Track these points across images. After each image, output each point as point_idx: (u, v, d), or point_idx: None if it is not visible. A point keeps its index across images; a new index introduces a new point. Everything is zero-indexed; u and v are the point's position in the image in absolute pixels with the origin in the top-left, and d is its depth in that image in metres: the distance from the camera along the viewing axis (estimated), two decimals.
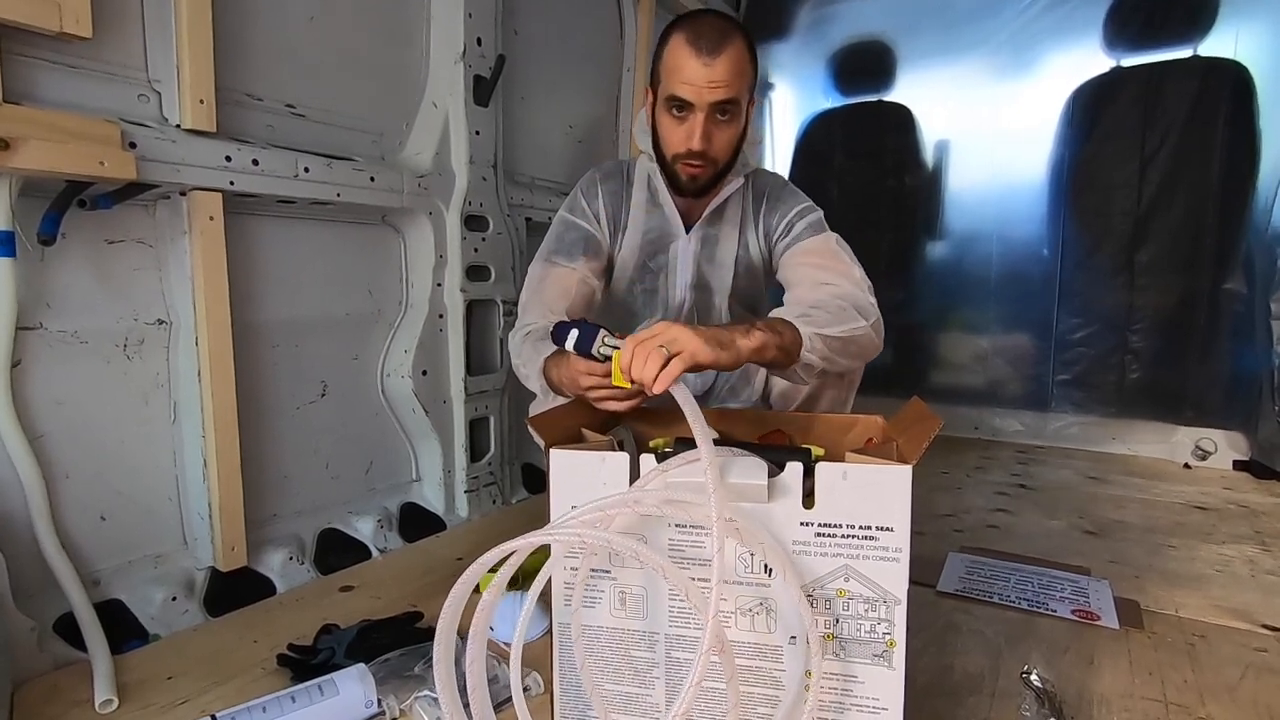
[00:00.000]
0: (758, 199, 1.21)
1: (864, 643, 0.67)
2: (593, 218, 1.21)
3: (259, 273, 1.27)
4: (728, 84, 1.04)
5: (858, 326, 0.97)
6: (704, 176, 1.13)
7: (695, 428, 0.65)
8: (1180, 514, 1.68)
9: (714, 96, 1.05)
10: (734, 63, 1.04)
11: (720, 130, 1.09)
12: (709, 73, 1.03)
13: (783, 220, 1.18)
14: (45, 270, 1.01)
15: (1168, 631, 1.08)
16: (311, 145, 1.30)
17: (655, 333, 0.77)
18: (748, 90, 1.09)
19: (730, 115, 1.08)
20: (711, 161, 1.11)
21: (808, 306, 0.96)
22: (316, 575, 1.30)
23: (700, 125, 1.07)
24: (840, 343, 0.94)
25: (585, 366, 0.86)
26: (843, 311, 0.98)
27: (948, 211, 2.51)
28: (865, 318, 0.99)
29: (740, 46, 1.05)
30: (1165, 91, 2.11)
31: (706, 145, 1.08)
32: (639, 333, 0.78)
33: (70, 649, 0.98)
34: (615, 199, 1.22)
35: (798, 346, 0.90)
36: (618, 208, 1.22)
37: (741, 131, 1.12)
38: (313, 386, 1.38)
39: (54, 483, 1.02)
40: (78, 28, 0.95)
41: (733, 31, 1.06)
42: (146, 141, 1.02)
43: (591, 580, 0.72)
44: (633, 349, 0.76)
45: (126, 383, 1.11)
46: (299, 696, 0.81)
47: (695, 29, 1.05)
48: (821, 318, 0.94)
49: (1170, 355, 2.18)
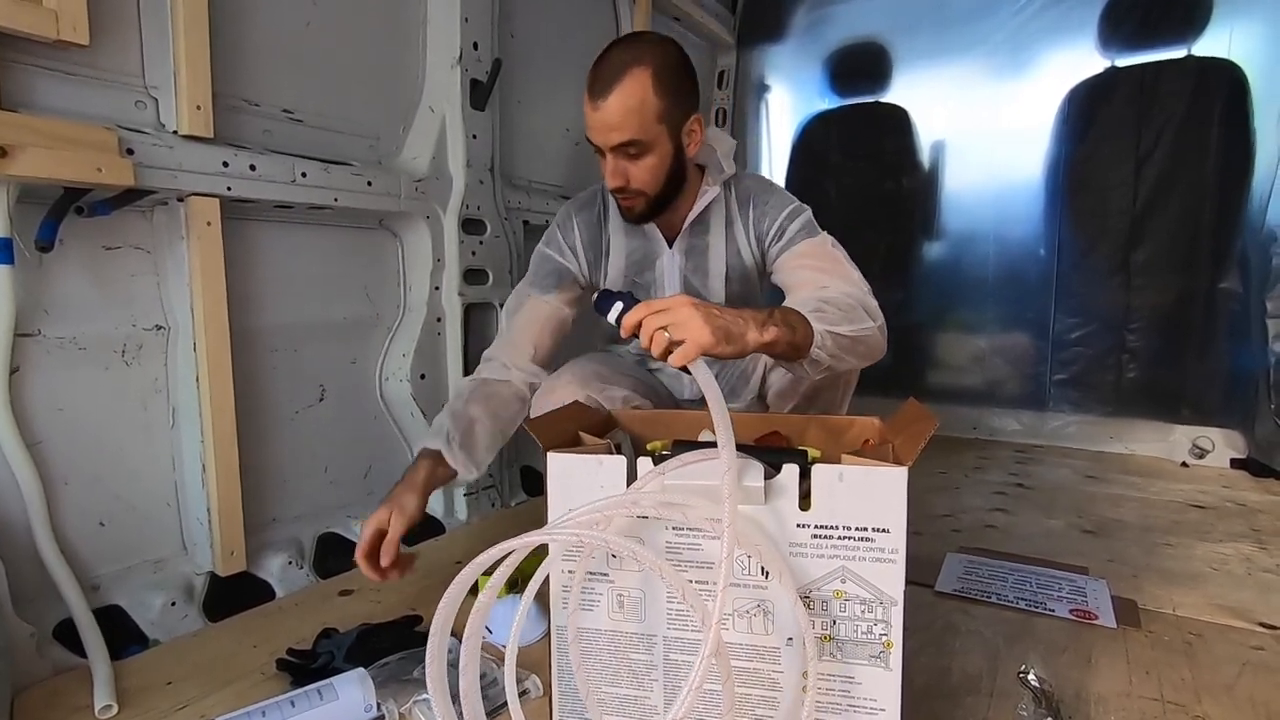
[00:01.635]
0: (743, 204, 1.20)
1: (861, 644, 0.67)
2: (567, 250, 1.24)
3: (257, 277, 1.27)
4: (619, 126, 1.03)
5: (866, 327, 0.97)
6: (639, 207, 1.13)
7: (715, 413, 0.64)
8: (1178, 512, 1.68)
9: (610, 140, 1.04)
10: (625, 101, 1.01)
11: (635, 165, 1.07)
12: (600, 117, 1.03)
13: (774, 224, 1.17)
14: (43, 277, 1.01)
15: (1165, 630, 1.08)
16: (309, 150, 1.30)
17: (667, 307, 0.74)
18: (656, 123, 1.05)
19: (639, 153, 1.06)
20: (637, 194, 1.11)
21: (820, 301, 0.95)
22: (316, 579, 1.30)
23: (610, 165, 1.07)
24: (850, 341, 0.94)
25: (366, 540, 0.98)
26: (853, 310, 0.98)
27: (945, 212, 2.51)
28: (873, 319, 1.00)
29: (637, 80, 1.02)
30: (1160, 91, 2.12)
31: (624, 181, 1.08)
32: (652, 301, 0.76)
33: (70, 655, 0.98)
34: (592, 228, 1.23)
35: (808, 343, 0.89)
36: (596, 235, 1.23)
37: (669, 158, 1.09)
38: (311, 390, 1.38)
39: (53, 488, 1.02)
40: (75, 35, 0.95)
41: (628, 65, 1.02)
42: (144, 148, 1.03)
43: (589, 583, 0.72)
44: (639, 319, 0.75)
45: (125, 388, 1.11)
46: (298, 701, 0.81)
47: (592, 72, 1.05)
48: (833, 315, 0.94)
49: (1167, 354, 2.19)
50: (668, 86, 1.04)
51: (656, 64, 1.03)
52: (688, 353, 0.72)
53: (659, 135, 1.06)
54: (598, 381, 1.18)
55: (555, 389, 1.17)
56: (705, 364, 0.72)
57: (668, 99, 1.04)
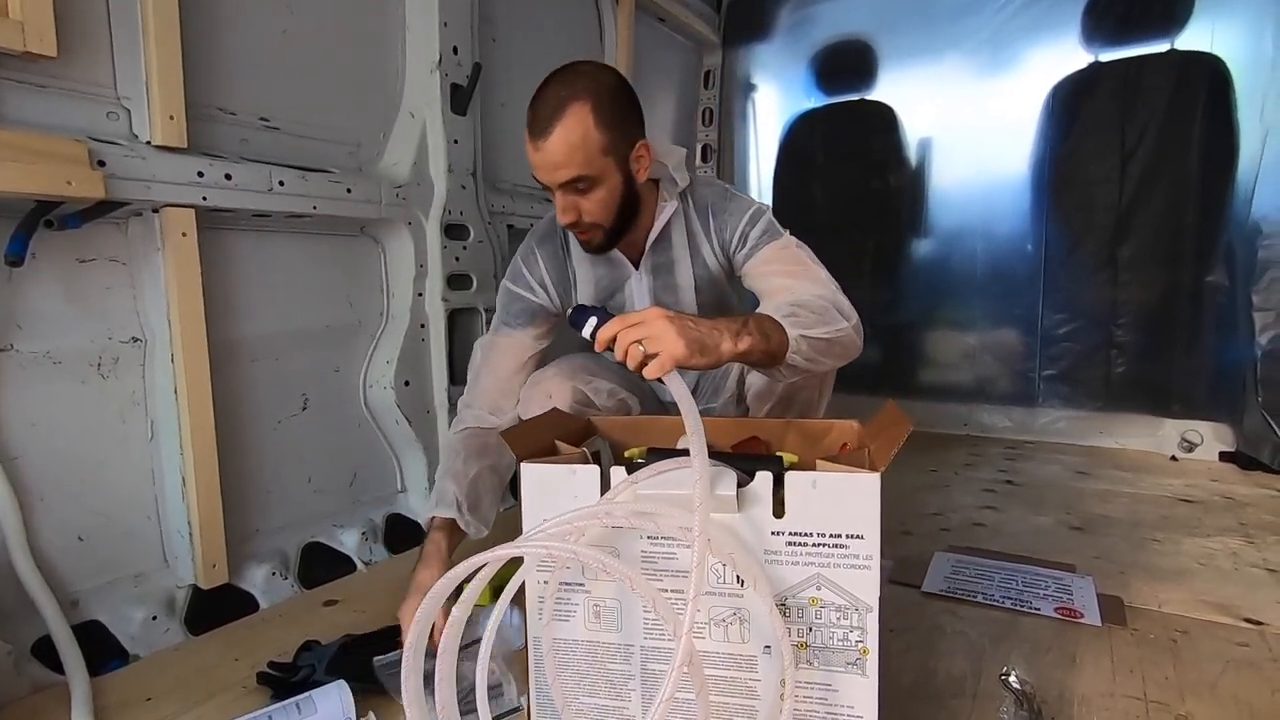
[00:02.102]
0: (701, 213, 1.19)
1: (837, 651, 0.67)
2: (536, 286, 1.22)
3: (235, 287, 1.26)
4: (564, 164, 1.01)
5: (840, 328, 0.97)
6: (595, 238, 1.11)
7: (689, 423, 0.65)
8: (1166, 507, 1.68)
9: (556, 179, 1.03)
10: (567, 138, 0.99)
11: (585, 199, 1.05)
12: (543, 157, 1.01)
13: (734, 232, 1.16)
14: (15, 291, 1.00)
15: (1150, 628, 1.08)
16: (286, 158, 1.29)
17: (641, 321, 0.75)
18: (601, 155, 1.03)
19: (587, 187, 1.04)
20: (593, 226, 1.09)
21: (792, 305, 0.95)
22: (300, 590, 1.30)
23: (560, 202, 1.05)
24: (825, 343, 0.94)
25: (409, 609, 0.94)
26: (826, 312, 0.97)
27: (932, 209, 2.51)
28: (847, 319, 0.99)
29: (576, 116, 0.99)
30: (1143, 86, 2.12)
31: (575, 216, 1.07)
32: (628, 315, 0.77)
33: (49, 672, 0.97)
34: (557, 260, 1.22)
35: (784, 349, 0.89)
36: (560, 266, 1.22)
37: (619, 189, 1.08)
38: (294, 400, 1.37)
39: (29, 504, 1.01)
40: (42, 46, 0.94)
41: (566, 102, 1.00)
42: (116, 159, 1.02)
43: (565, 593, 0.72)
44: (614, 333, 0.75)
45: (102, 402, 1.10)
46: (276, 715, 0.81)
47: (530, 112, 1.02)
48: (807, 318, 0.94)
49: (1155, 349, 2.19)
50: (609, 118, 1.02)
51: (595, 97, 1.01)
52: (663, 365, 0.73)
53: (605, 168, 1.04)
54: (584, 374, 1.18)
55: (542, 381, 1.17)
56: (679, 375, 0.72)
57: (610, 131, 1.02)
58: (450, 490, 1.07)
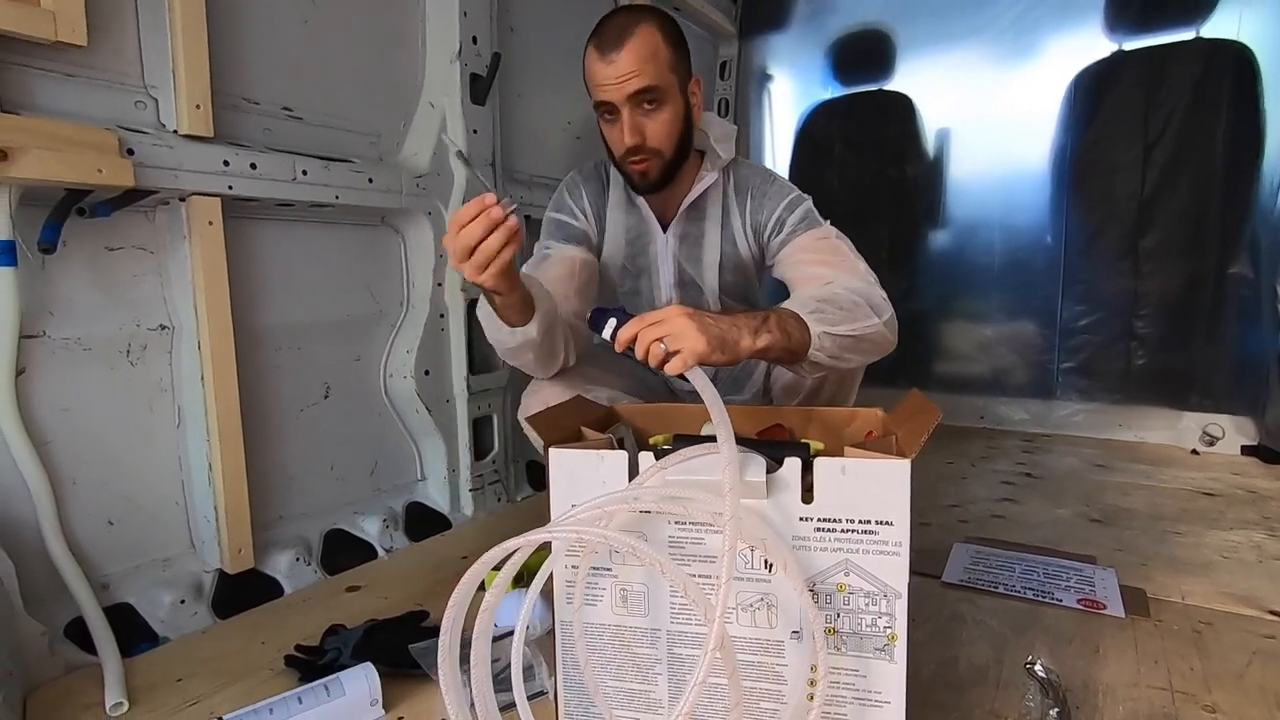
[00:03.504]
0: (740, 193, 1.19)
1: (865, 637, 0.67)
2: (579, 213, 1.23)
3: (260, 276, 1.27)
4: (637, 73, 1.04)
5: (870, 324, 0.96)
6: (653, 170, 1.12)
7: (715, 414, 0.65)
8: (1187, 500, 1.67)
9: (627, 90, 1.05)
10: (640, 50, 1.04)
11: (650, 120, 1.08)
12: (614, 69, 1.05)
13: (772, 216, 1.15)
14: (47, 278, 1.02)
15: (1174, 619, 1.08)
16: (309, 148, 1.30)
17: (661, 319, 0.77)
18: (669, 72, 1.07)
19: (656, 103, 1.07)
20: (654, 153, 1.10)
21: (820, 301, 0.94)
22: (323, 576, 1.31)
23: (628, 122, 1.07)
24: (851, 340, 0.93)
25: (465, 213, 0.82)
26: (856, 308, 0.96)
27: (950, 200, 2.49)
28: (879, 315, 0.98)
29: (647, 32, 1.05)
30: (1168, 74, 2.09)
31: (640, 139, 1.08)
32: (647, 314, 0.78)
33: (81, 653, 0.99)
34: (597, 199, 1.23)
35: (805, 346, 0.89)
36: (599, 205, 1.23)
37: (682, 115, 1.10)
38: (316, 388, 1.39)
39: (61, 489, 1.03)
40: (73, 36, 0.95)
41: (636, 21, 1.06)
42: (144, 148, 1.03)
43: (592, 578, 0.72)
44: (635, 333, 0.77)
45: (130, 388, 1.12)
46: (306, 697, 0.82)
47: (599, 34, 1.08)
48: (833, 314, 0.92)
49: (1176, 340, 2.17)
50: (674, 40, 1.09)
51: (661, 22, 1.08)
52: (685, 360, 0.74)
53: (672, 86, 1.08)
54: (584, 381, 1.17)
55: (541, 389, 1.16)
56: (701, 370, 0.73)
57: (676, 51, 1.09)
58: None
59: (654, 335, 0.76)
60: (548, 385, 1.16)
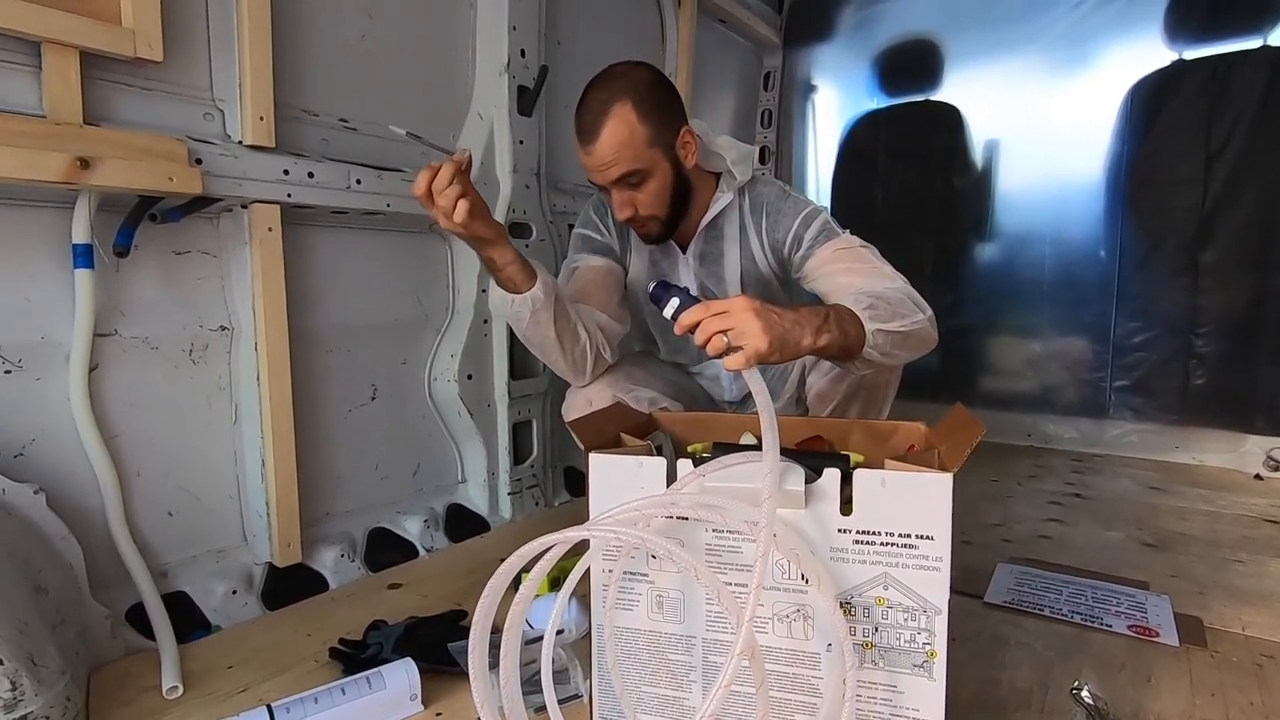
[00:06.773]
0: (755, 211, 1.20)
1: (904, 652, 0.66)
2: (605, 230, 1.27)
3: (314, 281, 1.32)
4: (613, 162, 1.06)
5: (917, 320, 0.97)
6: (653, 229, 1.16)
7: (764, 417, 0.65)
8: (1249, 527, 1.59)
9: (609, 176, 1.08)
10: (614, 138, 1.05)
11: (639, 193, 1.11)
12: (593, 160, 1.08)
13: (789, 233, 1.16)
14: (120, 280, 1.08)
15: (1233, 650, 1.03)
16: (363, 158, 1.34)
17: (727, 310, 0.76)
18: (648, 148, 1.08)
19: (640, 178, 1.09)
20: (649, 218, 1.14)
21: (871, 297, 0.95)
22: (366, 573, 1.35)
23: (617, 199, 1.11)
24: (901, 336, 0.94)
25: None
26: (903, 304, 0.98)
27: (998, 212, 2.44)
28: (922, 311, 0.99)
29: (620, 115, 1.05)
30: (1232, 84, 2.01)
31: (632, 210, 1.12)
32: (713, 302, 0.78)
33: (140, 637, 1.04)
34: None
35: (860, 343, 0.90)
36: (625, 228, 1.25)
37: (670, 179, 1.12)
38: (363, 390, 1.43)
39: (127, 481, 1.08)
40: (151, 53, 1.01)
41: (608, 105, 1.05)
42: (211, 157, 1.08)
43: (627, 583, 0.73)
44: (698, 320, 0.76)
45: (191, 386, 1.17)
46: (349, 689, 0.84)
47: (578, 117, 1.09)
48: (884, 311, 0.94)
49: (1239, 359, 2.08)
50: (650, 111, 1.07)
51: (634, 94, 1.07)
52: (747, 359, 0.74)
53: (654, 159, 1.09)
54: (626, 382, 1.20)
55: (583, 389, 1.19)
56: (757, 370, 0.74)
57: (653, 123, 1.08)
58: None
59: (717, 326, 0.76)
60: (590, 386, 1.19)
